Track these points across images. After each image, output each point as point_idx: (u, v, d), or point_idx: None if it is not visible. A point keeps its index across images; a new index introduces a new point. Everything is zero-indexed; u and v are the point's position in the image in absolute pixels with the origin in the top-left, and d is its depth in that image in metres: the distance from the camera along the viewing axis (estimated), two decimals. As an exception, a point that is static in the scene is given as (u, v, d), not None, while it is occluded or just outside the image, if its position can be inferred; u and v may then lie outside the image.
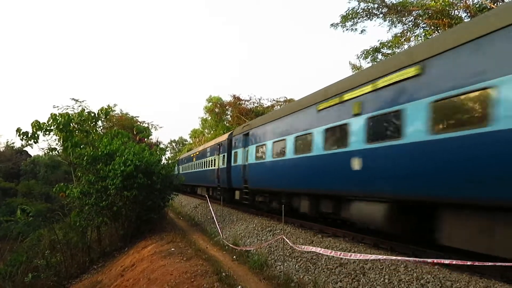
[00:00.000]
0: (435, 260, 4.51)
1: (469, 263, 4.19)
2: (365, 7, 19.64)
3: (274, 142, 12.01)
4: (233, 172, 16.24)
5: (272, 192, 12.73)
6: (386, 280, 5.97)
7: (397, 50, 19.76)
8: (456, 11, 17.97)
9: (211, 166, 20.61)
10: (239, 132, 16.31)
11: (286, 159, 10.93)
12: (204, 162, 22.74)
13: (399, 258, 5.51)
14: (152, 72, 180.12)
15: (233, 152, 16.57)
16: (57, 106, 17.07)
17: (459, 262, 4.46)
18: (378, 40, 25.20)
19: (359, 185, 7.67)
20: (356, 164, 7.66)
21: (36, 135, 15.09)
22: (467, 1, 17.46)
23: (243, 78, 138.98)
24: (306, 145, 9.79)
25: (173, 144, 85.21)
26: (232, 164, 16.41)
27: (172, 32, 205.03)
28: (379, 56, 20.70)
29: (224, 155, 18.03)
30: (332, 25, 20.77)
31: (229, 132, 19.50)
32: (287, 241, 7.52)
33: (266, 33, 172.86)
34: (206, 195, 17.63)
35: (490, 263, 4.05)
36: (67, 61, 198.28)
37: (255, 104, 40.08)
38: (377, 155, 7.09)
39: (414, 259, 5.54)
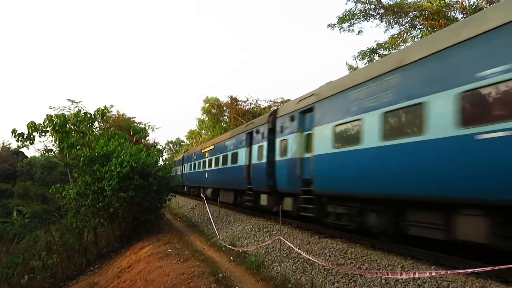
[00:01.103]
0: (433, 273, 4.68)
1: (469, 270, 4.29)
2: (362, 8, 19.68)
3: (197, 163, 24.35)
4: (185, 176, 29.34)
5: (196, 186, 25.70)
6: (383, 281, 5.97)
7: (394, 51, 19.79)
8: (452, 12, 18.07)
9: (180, 172, 32.74)
10: (187, 154, 30.32)
11: (199, 171, 23.35)
12: (176, 169, 34.86)
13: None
14: (150, 73, 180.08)
15: (184, 165, 30.50)
16: (53, 107, 17.04)
17: (454, 272, 4.52)
18: (375, 41, 25.21)
19: (208, 183, 20.48)
20: (207, 175, 20.57)
21: (32, 136, 15.02)
22: (463, 2, 17.55)
23: (241, 78, 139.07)
24: (203, 165, 22.14)
25: (170, 145, 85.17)
26: (184, 172, 30.08)
27: (171, 32, 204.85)
28: (376, 57, 20.70)
29: (182, 166, 31.60)
30: (329, 25, 20.80)
31: (184, 153, 34.31)
32: (285, 241, 7.52)
33: (265, 33, 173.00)
34: (203, 196, 18.23)
35: (488, 268, 4.09)
36: (64, 62, 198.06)
37: (252, 105, 39.95)
38: (211, 172, 19.86)
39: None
